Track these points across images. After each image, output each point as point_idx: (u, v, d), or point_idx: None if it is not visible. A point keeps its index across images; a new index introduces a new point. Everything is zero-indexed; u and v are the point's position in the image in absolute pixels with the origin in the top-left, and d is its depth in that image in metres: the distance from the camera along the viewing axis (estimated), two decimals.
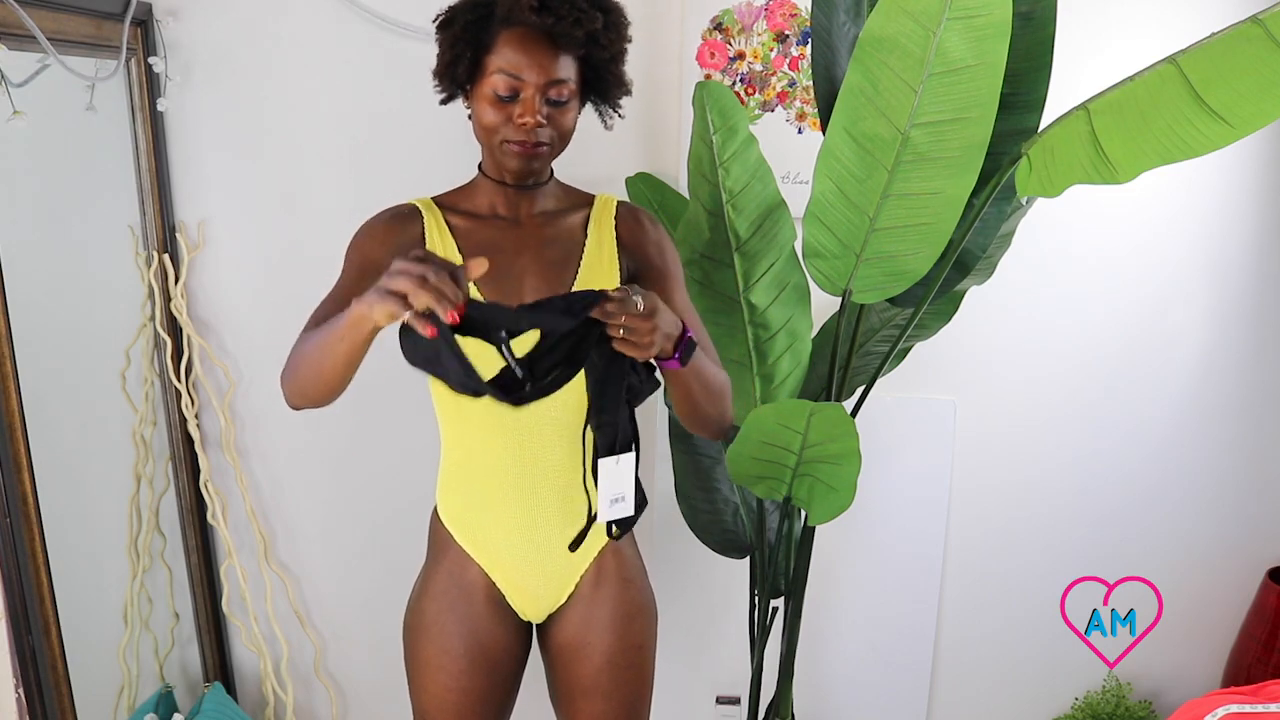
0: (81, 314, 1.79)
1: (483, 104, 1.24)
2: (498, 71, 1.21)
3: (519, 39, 1.20)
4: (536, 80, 1.20)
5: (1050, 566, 2.17)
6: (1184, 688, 2.26)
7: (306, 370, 1.19)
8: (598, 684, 1.41)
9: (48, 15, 1.47)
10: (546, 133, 1.24)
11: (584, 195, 1.41)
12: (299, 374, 1.21)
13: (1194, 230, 2.02)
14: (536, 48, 1.20)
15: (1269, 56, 1.19)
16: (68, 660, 1.48)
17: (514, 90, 1.21)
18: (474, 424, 1.34)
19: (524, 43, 1.20)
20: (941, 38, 1.32)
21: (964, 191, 1.46)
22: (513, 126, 1.22)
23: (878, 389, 1.76)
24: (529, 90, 1.21)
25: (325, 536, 2.14)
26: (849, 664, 2.24)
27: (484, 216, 1.34)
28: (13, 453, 1.38)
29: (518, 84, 1.21)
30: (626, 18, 1.28)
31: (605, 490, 1.19)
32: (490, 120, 1.23)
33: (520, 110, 1.22)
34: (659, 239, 1.39)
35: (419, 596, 1.43)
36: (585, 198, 1.40)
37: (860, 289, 1.59)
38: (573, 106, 1.26)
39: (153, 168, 1.86)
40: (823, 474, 1.59)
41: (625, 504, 1.20)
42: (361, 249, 1.31)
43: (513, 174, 1.28)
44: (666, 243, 1.40)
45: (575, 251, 1.34)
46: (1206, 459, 2.15)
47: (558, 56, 1.21)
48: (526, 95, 1.21)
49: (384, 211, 1.34)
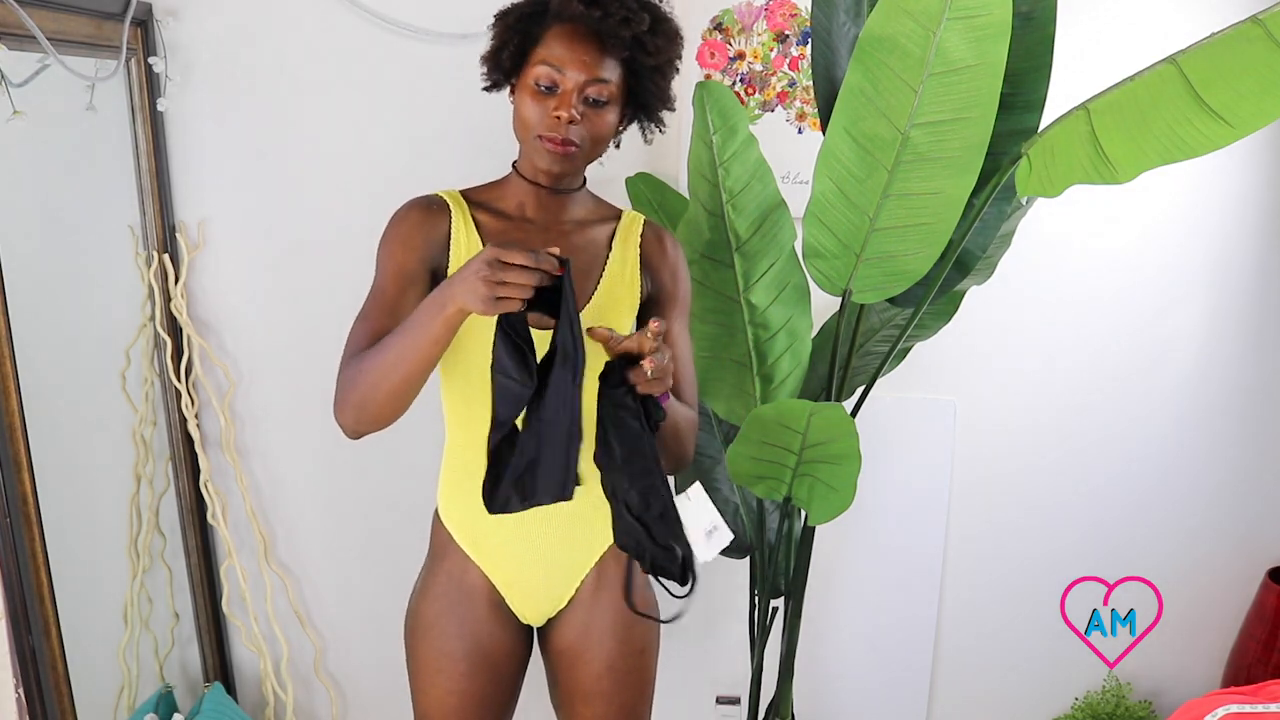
0: (81, 314, 1.79)
1: (524, 95, 1.24)
2: (541, 63, 1.22)
3: (567, 34, 1.21)
4: (577, 76, 1.21)
5: (1050, 566, 2.17)
6: (1184, 688, 2.26)
7: (383, 384, 1.16)
8: (598, 688, 1.41)
9: (48, 15, 1.47)
10: (578, 131, 1.23)
11: (612, 209, 1.41)
12: (370, 393, 1.18)
13: (1194, 230, 2.02)
14: (582, 44, 1.21)
15: (1269, 56, 1.19)
16: (68, 660, 1.48)
17: (554, 83, 1.21)
18: (480, 425, 1.33)
19: (571, 38, 1.21)
20: (942, 38, 1.32)
21: (964, 192, 1.46)
22: (548, 120, 1.22)
23: (878, 389, 1.76)
24: (568, 85, 1.21)
25: (325, 536, 2.14)
26: (849, 664, 2.24)
27: (512, 217, 1.33)
28: (13, 453, 1.38)
29: (558, 77, 1.21)
30: (679, 34, 1.28)
31: (694, 526, 1.18)
32: (527, 112, 1.24)
33: (556, 104, 1.22)
34: (676, 265, 1.39)
35: (419, 598, 1.42)
36: (613, 211, 1.40)
37: (860, 289, 1.59)
38: (611, 110, 1.25)
39: (153, 168, 1.86)
40: (823, 474, 1.59)
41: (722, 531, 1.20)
42: (395, 257, 1.29)
43: (545, 173, 1.27)
44: (682, 269, 1.40)
45: (598, 264, 1.34)
46: (1206, 459, 2.15)
47: (602, 56, 1.21)
48: (565, 89, 1.21)
49: (413, 206, 1.32)
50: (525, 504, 1.15)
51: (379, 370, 1.16)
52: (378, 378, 1.16)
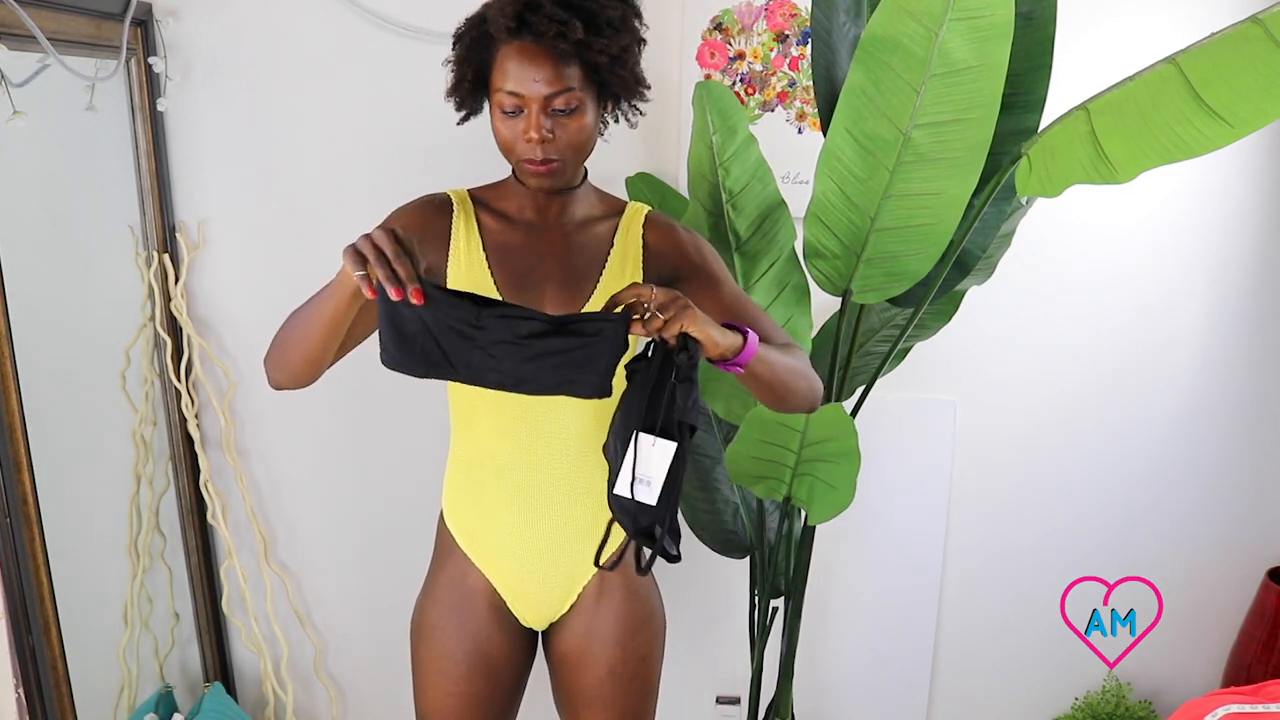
0: (81, 314, 1.78)
1: (495, 122, 1.23)
2: (500, 89, 1.19)
3: (515, 55, 1.18)
4: (536, 93, 1.17)
5: (1050, 566, 2.17)
6: (1184, 688, 2.26)
7: (296, 346, 1.21)
8: (600, 694, 1.40)
9: (48, 15, 1.47)
10: (554, 148, 1.21)
11: (616, 202, 1.38)
12: (284, 353, 1.23)
13: (1194, 230, 2.02)
14: (531, 62, 1.17)
15: (1269, 56, 1.19)
16: (68, 660, 1.47)
17: (517, 106, 1.19)
18: (484, 428, 1.34)
19: (519, 58, 1.17)
20: (944, 38, 1.32)
21: (965, 192, 1.46)
22: (521, 145, 1.21)
23: (878, 389, 1.76)
24: (531, 105, 1.18)
25: (325, 536, 2.14)
26: (849, 664, 2.24)
27: (513, 219, 1.33)
28: (13, 453, 1.37)
29: (519, 100, 1.18)
30: (628, 13, 1.23)
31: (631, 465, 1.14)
32: (504, 137, 1.22)
33: (525, 125, 1.19)
34: (695, 241, 1.36)
35: (423, 599, 1.42)
36: (617, 205, 1.37)
37: (861, 289, 1.59)
38: (583, 114, 1.21)
39: (153, 168, 1.86)
40: (822, 473, 1.60)
41: (649, 490, 1.14)
42: None
43: (536, 189, 1.27)
44: (703, 243, 1.36)
45: (599, 261, 1.32)
46: (1206, 459, 2.15)
47: (556, 66, 1.17)
48: (530, 110, 1.19)
49: (418, 200, 1.33)
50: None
51: (294, 334, 1.21)
52: (294, 340, 1.21)
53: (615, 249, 1.33)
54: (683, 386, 1.13)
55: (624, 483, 1.14)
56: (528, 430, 1.31)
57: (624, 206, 1.37)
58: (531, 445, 1.32)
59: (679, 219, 1.73)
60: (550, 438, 1.32)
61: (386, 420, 2.06)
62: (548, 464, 1.33)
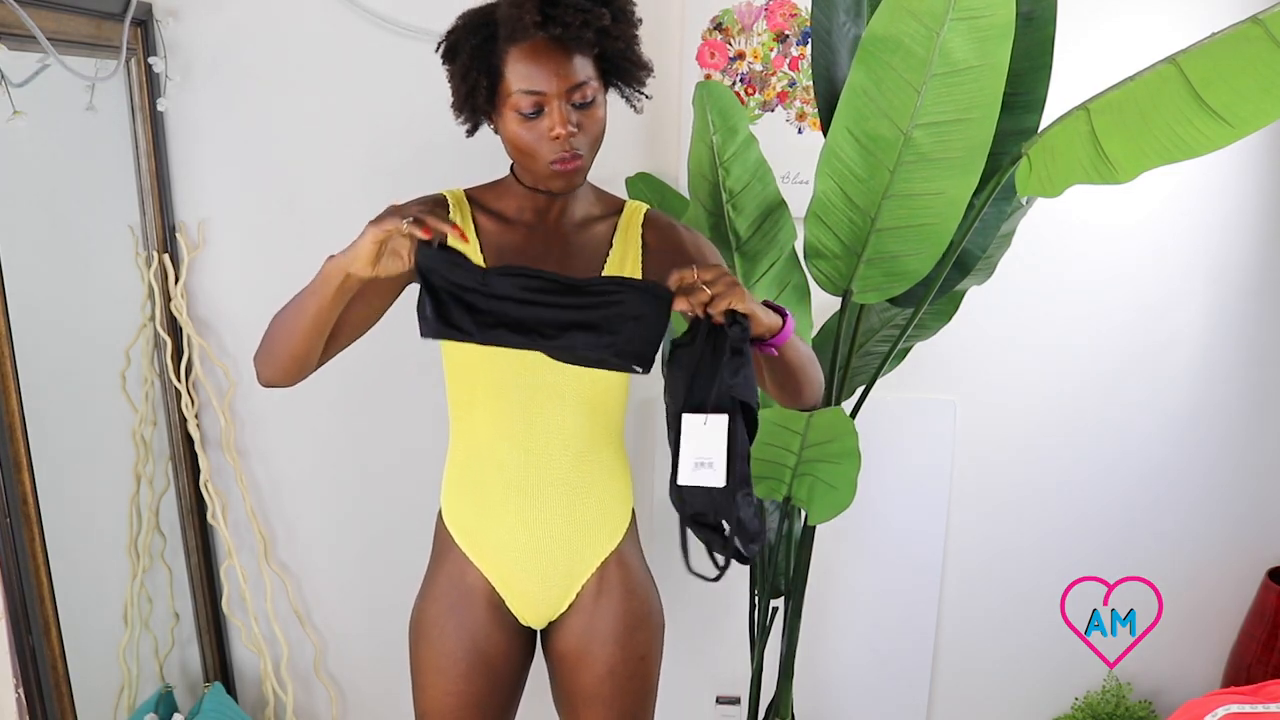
0: (81, 314, 1.78)
1: (512, 127, 1.21)
2: (517, 91, 1.18)
3: (530, 53, 1.17)
4: (558, 90, 1.17)
5: (1050, 566, 2.17)
6: (1184, 688, 2.26)
7: (285, 342, 1.21)
8: (599, 693, 1.40)
9: (48, 15, 1.47)
10: (581, 140, 1.21)
11: (615, 201, 1.38)
12: (269, 341, 1.24)
13: (1194, 230, 2.03)
14: (550, 57, 1.16)
15: (1269, 56, 1.19)
16: (68, 660, 1.47)
17: (538, 106, 1.18)
18: (482, 421, 1.34)
19: (536, 55, 1.17)
20: (945, 38, 1.32)
21: (966, 192, 1.46)
22: (548, 144, 1.19)
23: (878, 389, 1.76)
24: (553, 102, 1.17)
25: (325, 536, 2.14)
26: (849, 664, 2.24)
27: (511, 220, 1.32)
28: (13, 453, 1.37)
29: (541, 99, 1.17)
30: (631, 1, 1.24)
31: (688, 452, 1.09)
32: (525, 141, 1.20)
33: (549, 124, 1.18)
34: (695, 240, 1.36)
35: (422, 598, 1.42)
36: (615, 204, 1.37)
37: (861, 289, 1.59)
38: (599, 102, 1.23)
39: (153, 168, 1.86)
40: (822, 473, 1.60)
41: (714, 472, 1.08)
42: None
43: (558, 191, 1.27)
44: (704, 242, 1.37)
45: (598, 262, 1.32)
46: (1206, 459, 2.15)
47: (573, 60, 1.17)
48: (552, 107, 1.18)
49: (413, 200, 1.32)
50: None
51: (283, 329, 1.21)
52: (283, 335, 1.21)
53: (614, 249, 1.33)
54: (733, 360, 1.08)
55: (685, 470, 1.09)
56: (527, 427, 1.31)
57: (622, 205, 1.37)
58: (530, 443, 1.32)
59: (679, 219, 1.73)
60: (550, 435, 1.32)
61: (386, 420, 2.06)
62: (547, 462, 1.33)
